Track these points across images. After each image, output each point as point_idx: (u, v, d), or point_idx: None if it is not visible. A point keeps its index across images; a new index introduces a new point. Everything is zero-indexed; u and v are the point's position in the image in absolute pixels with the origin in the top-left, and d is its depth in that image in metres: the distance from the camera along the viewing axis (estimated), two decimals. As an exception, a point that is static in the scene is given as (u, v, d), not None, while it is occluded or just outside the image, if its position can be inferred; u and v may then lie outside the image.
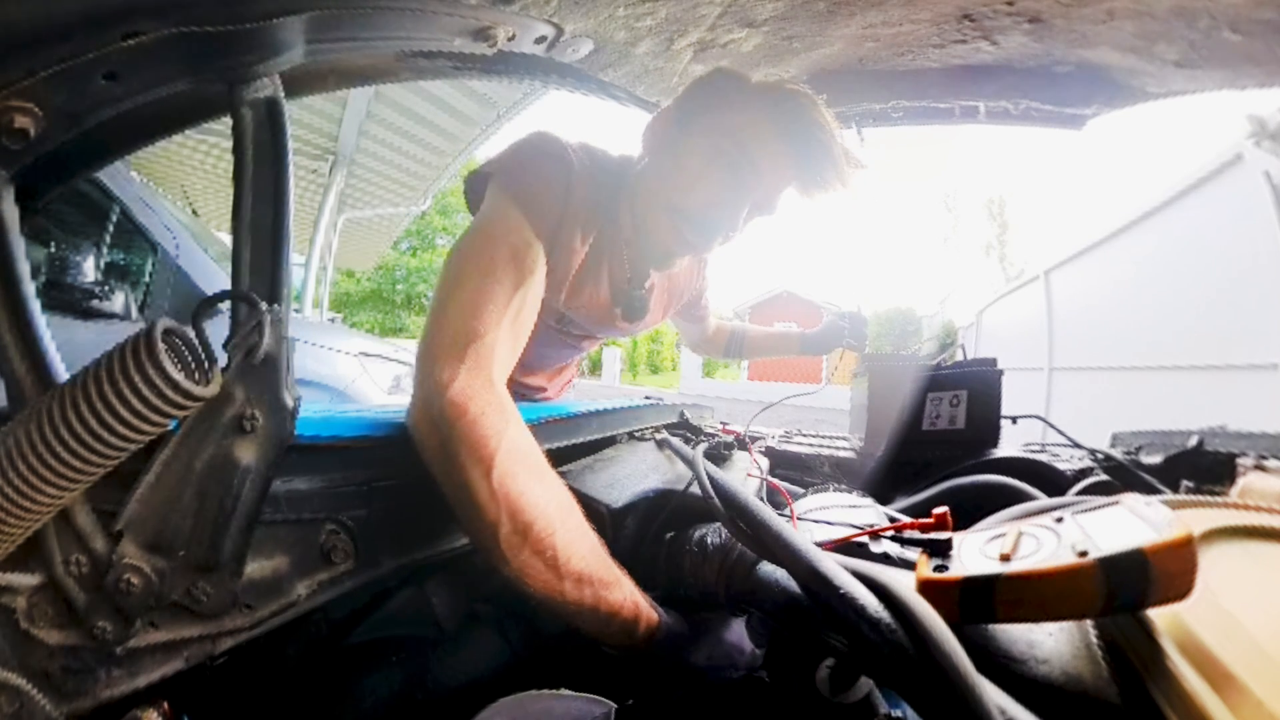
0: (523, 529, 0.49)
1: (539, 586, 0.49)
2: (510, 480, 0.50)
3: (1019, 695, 0.30)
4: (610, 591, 0.51)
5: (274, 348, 0.45)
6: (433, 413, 0.52)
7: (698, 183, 0.68)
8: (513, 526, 0.49)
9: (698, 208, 0.69)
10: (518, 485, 0.51)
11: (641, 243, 0.78)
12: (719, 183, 0.67)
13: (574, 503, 0.55)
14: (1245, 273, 3.53)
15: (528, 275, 0.62)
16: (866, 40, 0.79)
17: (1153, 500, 0.33)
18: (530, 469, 0.53)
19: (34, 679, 0.39)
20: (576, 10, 0.62)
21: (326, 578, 0.52)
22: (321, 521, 0.52)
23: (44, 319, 0.43)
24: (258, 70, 0.46)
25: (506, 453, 0.51)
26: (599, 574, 0.51)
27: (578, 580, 0.50)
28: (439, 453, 0.51)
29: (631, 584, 0.54)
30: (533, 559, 0.49)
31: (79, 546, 0.40)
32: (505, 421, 0.53)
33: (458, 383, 0.52)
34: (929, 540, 0.41)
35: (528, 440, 0.55)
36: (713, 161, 0.67)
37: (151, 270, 2.12)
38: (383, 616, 0.62)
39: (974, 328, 9.17)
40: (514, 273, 0.61)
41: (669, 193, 0.70)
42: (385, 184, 5.68)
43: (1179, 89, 0.78)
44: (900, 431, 0.99)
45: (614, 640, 0.51)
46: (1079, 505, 0.36)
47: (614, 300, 0.89)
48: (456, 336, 0.55)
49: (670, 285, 1.05)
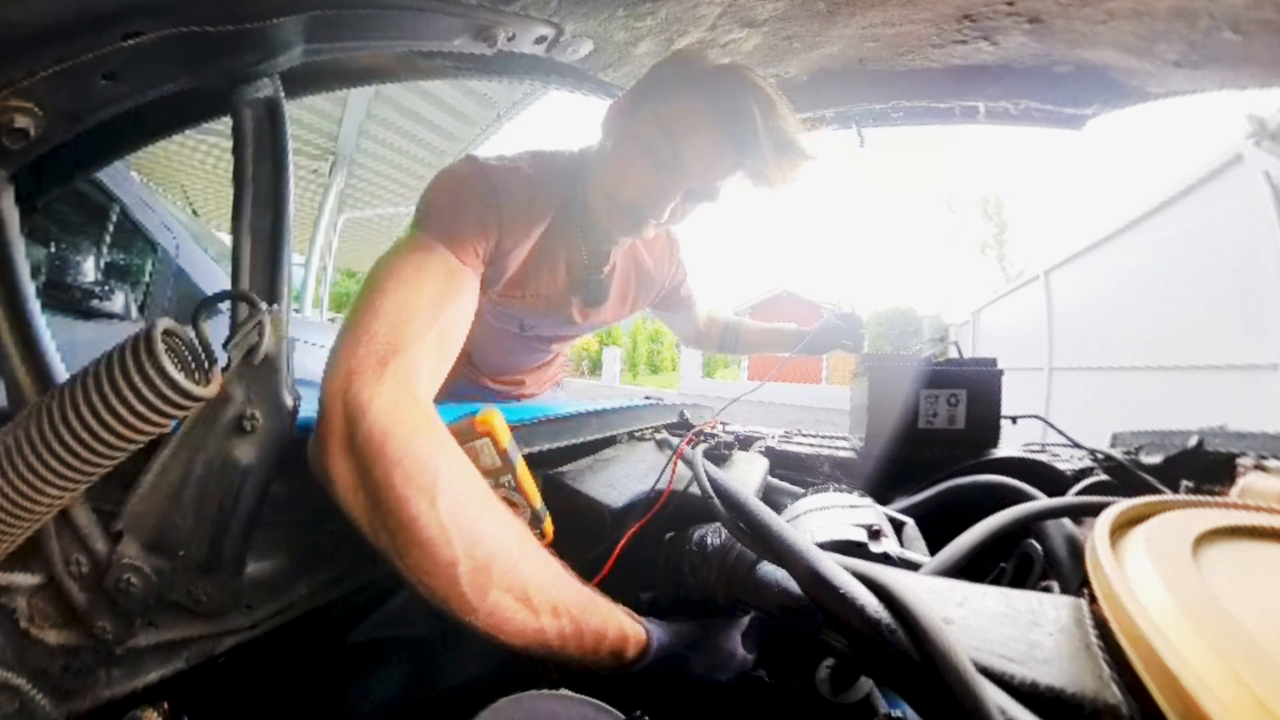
0: (484, 564, 0.43)
1: (515, 629, 0.43)
2: (460, 510, 0.44)
3: (1019, 695, 0.30)
4: (590, 617, 0.46)
5: (274, 348, 0.45)
6: (355, 439, 0.44)
7: (630, 174, 0.69)
8: (474, 564, 0.42)
9: (629, 197, 0.71)
10: (469, 514, 0.44)
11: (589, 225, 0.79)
12: (646, 175, 0.69)
13: (528, 530, 0.50)
14: (1245, 273, 3.53)
15: (455, 293, 0.59)
16: (866, 40, 0.79)
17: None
18: (478, 496, 0.46)
19: (34, 679, 0.39)
20: (576, 10, 0.62)
21: (326, 578, 0.52)
22: (321, 521, 0.52)
23: (44, 319, 0.43)
24: (258, 70, 0.46)
25: (450, 479, 0.44)
26: (575, 600, 0.46)
27: (554, 612, 0.45)
28: (362, 486, 0.43)
29: (608, 602, 0.49)
30: (503, 598, 0.43)
31: (79, 546, 0.40)
32: (441, 444, 0.47)
33: (380, 401, 0.45)
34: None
35: (468, 466, 0.48)
36: (643, 154, 0.68)
37: (151, 270, 2.12)
38: (383, 616, 0.62)
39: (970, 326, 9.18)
40: (440, 288, 0.57)
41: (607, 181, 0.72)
42: (385, 184, 5.68)
43: (1179, 89, 0.78)
44: (900, 431, 0.99)
45: (606, 666, 0.48)
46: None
47: (572, 289, 0.88)
48: (376, 349, 0.48)
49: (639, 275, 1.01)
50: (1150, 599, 0.30)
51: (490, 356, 1.04)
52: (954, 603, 0.38)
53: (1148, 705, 0.27)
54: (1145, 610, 0.30)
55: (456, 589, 0.42)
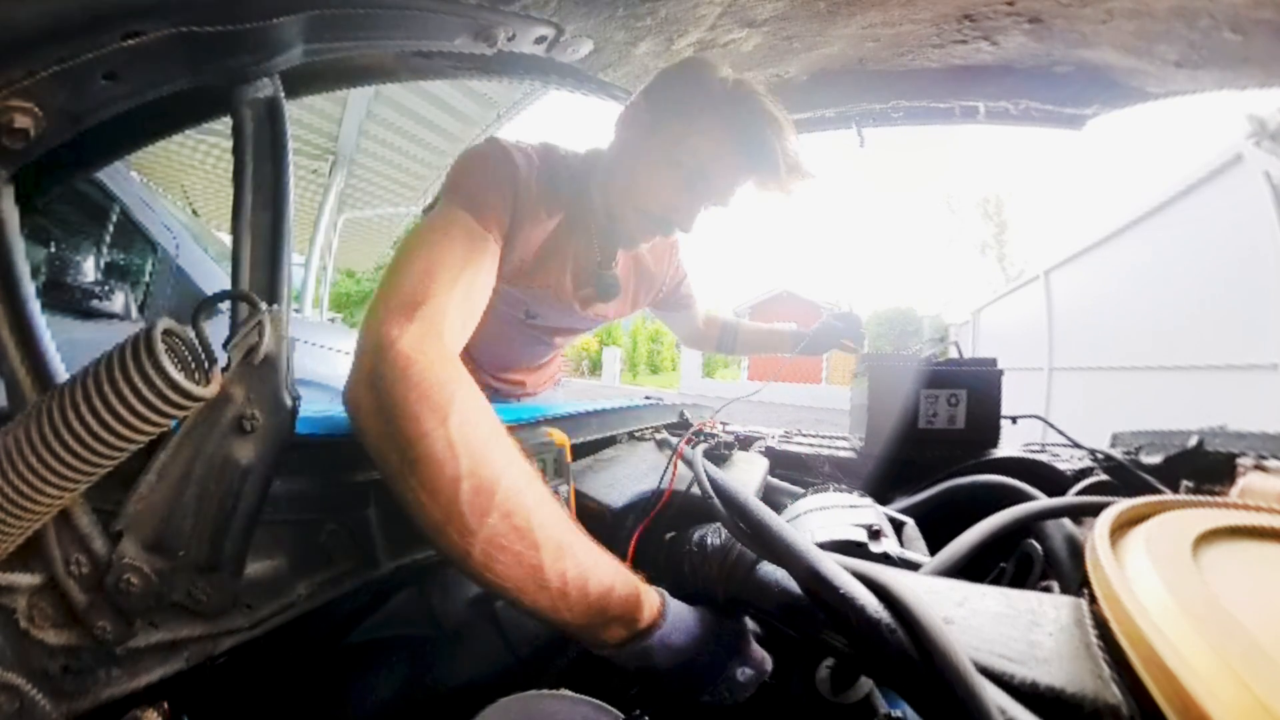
0: (489, 485, 0.42)
1: (511, 564, 0.41)
2: (471, 431, 0.44)
3: (1019, 695, 0.30)
4: (599, 569, 0.44)
5: (274, 348, 0.45)
6: (377, 369, 0.46)
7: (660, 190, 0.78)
8: (476, 483, 0.42)
9: (659, 209, 0.80)
10: (479, 435, 0.44)
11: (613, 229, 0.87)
12: (676, 191, 0.78)
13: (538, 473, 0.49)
14: (1245, 273, 3.53)
15: (479, 256, 0.64)
16: (866, 40, 0.79)
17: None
18: (490, 425, 0.47)
19: (34, 679, 0.39)
20: (576, 10, 0.62)
21: (326, 578, 0.52)
22: (321, 521, 0.52)
23: (44, 319, 0.43)
24: (258, 70, 0.46)
25: (464, 402, 0.45)
26: (582, 546, 0.45)
27: (557, 551, 0.43)
28: (381, 408, 0.44)
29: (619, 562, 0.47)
30: (502, 523, 0.42)
31: (79, 546, 0.40)
32: (459, 376, 0.48)
33: (407, 337, 0.48)
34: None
35: (483, 399, 0.48)
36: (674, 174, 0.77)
37: (151, 270, 2.12)
38: (383, 616, 0.62)
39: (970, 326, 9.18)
40: (466, 251, 0.63)
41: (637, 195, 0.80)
42: (385, 184, 5.67)
43: (1179, 89, 0.78)
44: (900, 431, 0.99)
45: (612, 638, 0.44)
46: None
47: (581, 283, 0.93)
48: (406, 299, 0.52)
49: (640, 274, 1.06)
50: (1150, 599, 0.30)
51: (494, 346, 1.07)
52: (954, 603, 0.38)
53: (1148, 705, 0.27)
54: (1145, 610, 0.29)
55: (457, 508, 0.41)
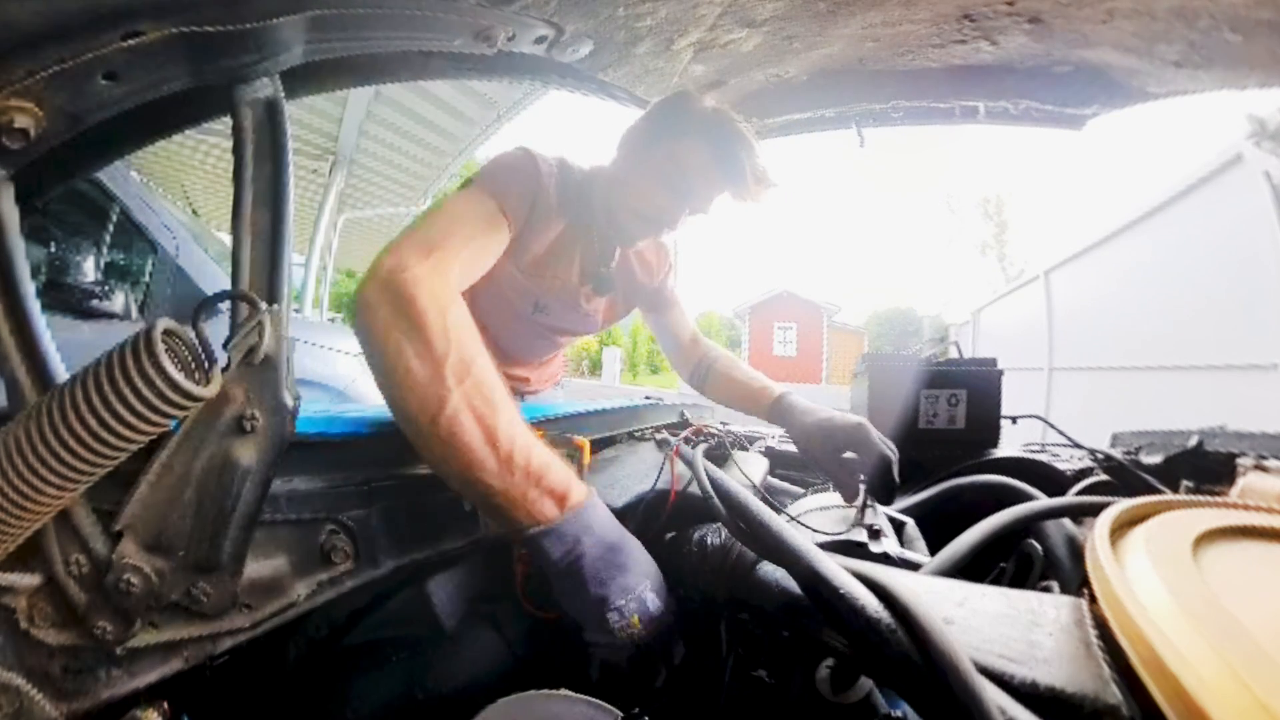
0: (467, 361, 0.53)
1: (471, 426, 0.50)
2: (463, 330, 0.55)
3: (1018, 695, 0.30)
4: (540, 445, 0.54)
5: (274, 348, 0.45)
6: (389, 284, 0.55)
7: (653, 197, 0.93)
8: (459, 356, 0.52)
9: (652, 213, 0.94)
10: (468, 336, 0.55)
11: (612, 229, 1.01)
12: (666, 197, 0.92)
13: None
14: (1245, 273, 3.53)
15: (493, 233, 0.75)
16: (866, 40, 0.79)
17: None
18: (475, 334, 0.56)
19: (34, 679, 0.39)
20: (576, 10, 0.62)
21: (326, 578, 0.52)
22: (321, 521, 0.52)
23: (44, 319, 0.43)
24: (258, 70, 0.46)
25: (461, 315, 0.56)
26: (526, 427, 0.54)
27: (511, 418, 0.53)
28: (388, 307, 0.53)
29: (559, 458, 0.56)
30: (473, 389, 0.52)
31: (79, 546, 0.40)
32: (459, 300, 0.58)
33: (421, 266, 0.57)
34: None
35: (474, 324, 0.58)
36: (664, 182, 0.91)
37: (151, 270, 2.12)
38: (383, 616, 0.62)
39: (970, 326, 9.18)
40: (484, 225, 0.74)
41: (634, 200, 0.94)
42: (385, 184, 5.67)
43: (1179, 89, 0.78)
44: (900, 431, 0.99)
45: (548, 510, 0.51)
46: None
47: (585, 277, 1.06)
48: (425, 240, 0.62)
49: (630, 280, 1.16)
50: (1150, 599, 0.30)
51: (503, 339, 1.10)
52: (954, 603, 0.38)
53: (1148, 705, 0.27)
54: (1145, 610, 0.29)
55: (441, 370, 0.51)
